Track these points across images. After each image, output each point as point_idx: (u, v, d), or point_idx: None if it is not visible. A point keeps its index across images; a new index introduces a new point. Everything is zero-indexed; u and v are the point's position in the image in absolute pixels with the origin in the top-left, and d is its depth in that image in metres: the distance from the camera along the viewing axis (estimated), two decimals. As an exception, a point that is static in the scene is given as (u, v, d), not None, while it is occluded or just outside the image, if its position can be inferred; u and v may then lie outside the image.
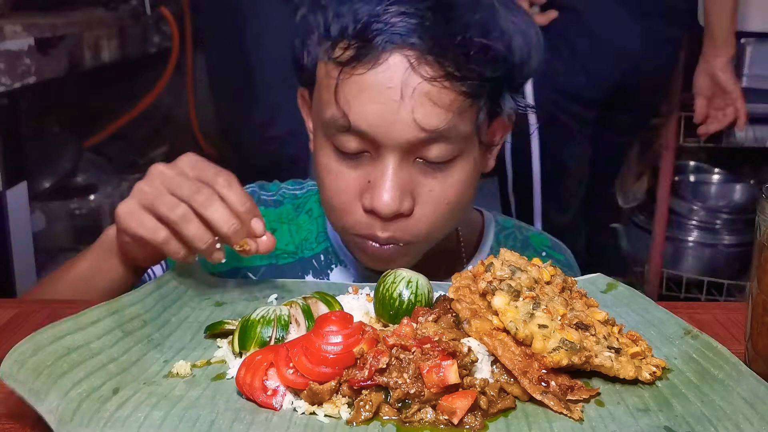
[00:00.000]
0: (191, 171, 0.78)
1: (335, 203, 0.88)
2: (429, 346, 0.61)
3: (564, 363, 0.63)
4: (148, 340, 0.71)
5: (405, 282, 0.73)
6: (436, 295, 0.75)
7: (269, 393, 0.61)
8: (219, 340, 0.73)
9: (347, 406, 0.61)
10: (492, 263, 0.71)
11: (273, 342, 0.68)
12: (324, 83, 0.85)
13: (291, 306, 0.72)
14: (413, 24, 0.79)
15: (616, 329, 0.70)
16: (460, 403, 0.58)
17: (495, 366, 0.64)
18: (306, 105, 0.98)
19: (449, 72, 0.80)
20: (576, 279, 0.80)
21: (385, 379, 0.60)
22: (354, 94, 0.81)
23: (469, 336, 0.65)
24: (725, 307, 0.87)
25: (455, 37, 0.79)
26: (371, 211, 0.85)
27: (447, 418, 0.59)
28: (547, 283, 0.71)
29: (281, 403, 0.61)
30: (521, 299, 0.67)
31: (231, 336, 0.71)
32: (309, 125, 0.98)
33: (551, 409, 0.61)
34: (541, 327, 0.64)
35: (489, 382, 0.62)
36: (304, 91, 0.96)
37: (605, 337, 0.67)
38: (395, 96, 0.80)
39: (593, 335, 0.67)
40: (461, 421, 0.58)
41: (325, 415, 0.60)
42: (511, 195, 2.14)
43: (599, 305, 0.73)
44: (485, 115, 0.87)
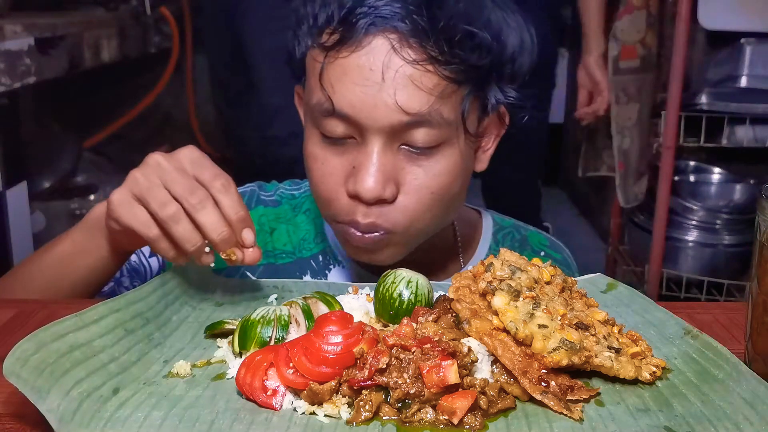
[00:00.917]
0: (190, 167, 0.76)
1: (321, 190, 0.88)
2: (429, 346, 0.61)
3: (564, 363, 0.63)
4: (148, 339, 0.71)
5: (405, 282, 0.73)
6: (436, 295, 0.75)
7: (269, 393, 0.61)
8: (219, 340, 0.73)
9: (347, 406, 0.61)
10: (492, 263, 0.71)
11: (273, 342, 0.68)
12: (311, 70, 0.86)
13: (291, 306, 0.72)
14: (397, 8, 0.80)
15: (616, 329, 0.70)
16: (460, 403, 0.58)
17: (495, 366, 0.64)
18: (302, 102, 0.98)
19: (432, 56, 0.81)
20: (576, 279, 0.80)
21: (385, 379, 0.60)
22: (338, 77, 0.82)
23: (469, 336, 0.65)
24: (725, 307, 0.87)
25: (439, 22, 0.80)
26: (355, 196, 0.85)
27: (447, 418, 0.59)
28: (547, 283, 0.71)
29: (281, 403, 0.61)
30: (521, 299, 0.67)
31: (231, 336, 0.71)
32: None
33: (551, 409, 0.61)
34: (541, 327, 0.64)
35: (489, 382, 0.62)
36: (299, 89, 0.97)
37: (605, 337, 0.67)
38: (377, 78, 0.81)
39: (593, 335, 0.67)
40: (461, 421, 0.59)
41: (325, 415, 0.60)
42: None
43: (599, 305, 0.73)
44: (472, 105, 0.87)
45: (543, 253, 1.09)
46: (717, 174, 2.57)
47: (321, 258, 1.03)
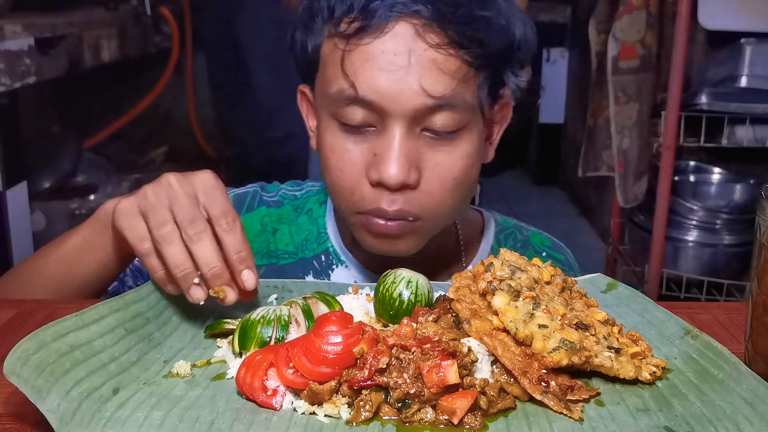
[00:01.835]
0: (202, 195, 0.74)
1: (341, 181, 0.88)
2: (429, 346, 0.61)
3: (564, 363, 0.63)
4: (149, 339, 0.71)
5: (405, 282, 0.73)
6: (436, 295, 0.75)
7: (269, 393, 0.61)
8: (219, 340, 0.73)
9: (347, 406, 0.61)
10: (492, 263, 0.71)
11: (273, 342, 0.68)
12: (329, 60, 0.87)
13: (291, 306, 0.72)
14: None
15: (616, 329, 0.70)
16: (460, 403, 0.58)
17: (495, 366, 0.64)
18: (306, 101, 0.98)
19: (454, 40, 0.82)
20: (576, 279, 0.80)
21: (385, 379, 0.60)
22: (360, 63, 0.83)
23: (469, 336, 0.65)
24: (725, 307, 0.87)
25: (459, 6, 0.82)
26: (378, 184, 0.85)
27: (447, 418, 0.59)
28: (547, 283, 0.71)
29: (281, 403, 0.61)
30: (521, 299, 0.67)
31: (231, 336, 0.71)
32: (309, 123, 0.99)
33: (551, 409, 0.61)
34: (541, 327, 0.64)
35: (489, 382, 0.62)
36: (304, 87, 0.97)
37: (605, 337, 0.67)
38: (402, 62, 0.82)
39: (593, 335, 0.67)
40: (461, 421, 0.59)
41: (325, 415, 0.60)
42: None
43: (599, 305, 0.73)
44: (488, 92, 0.88)
45: (545, 254, 1.09)
46: (717, 174, 2.58)
47: (323, 258, 1.03)
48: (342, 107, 0.85)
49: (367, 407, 0.59)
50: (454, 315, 0.69)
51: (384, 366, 0.60)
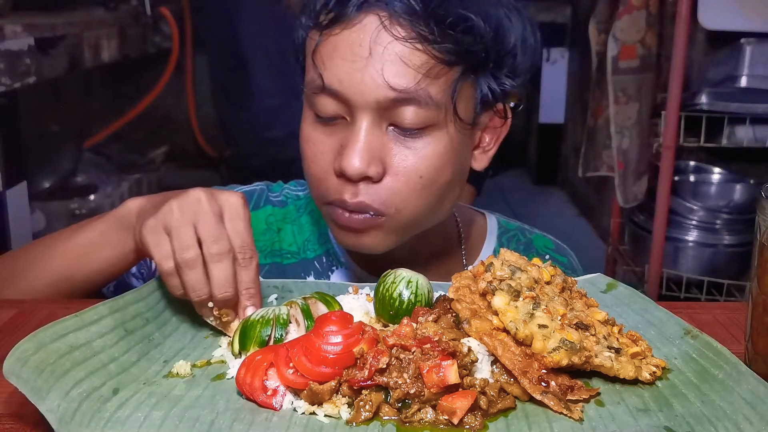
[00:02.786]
0: (228, 221, 0.76)
1: (312, 171, 0.89)
2: (429, 346, 0.61)
3: (564, 363, 0.63)
4: (148, 339, 0.71)
5: (405, 282, 0.73)
6: (436, 295, 0.75)
7: (269, 393, 0.61)
8: (219, 339, 0.73)
9: (347, 406, 0.61)
10: (492, 263, 0.71)
11: (272, 342, 0.68)
12: (308, 51, 0.88)
13: (291, 306, 0.72)
14: None
15: (616, 329, 0.70)
16: (460, 403, 0.58)
17: (495, 366, 0.64)
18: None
19: (422, 34, 0.82)
20: (576, 279, 0.80)
21: (385, 379, 0.60)
22: (329, 53, 0.84)
23: (469, 336, 0.65)
24: (725, 307, 0.87)
25: (431, 2, 0.82)
26: (341, 174, 0.86)
27: (447, 418, 0.59)
28: (547, 283, 0.71)
29: (281, 403, 0.61)
30: (521, 299, 0.67)
31: (230, 337, 0.71)
32: None
33: (551, 409, 0.61)
34: (541, 327, 0.64)
35: (489, 382, 0.62)
36: None
37: (605, 337, 0.67)
38: (365, 53, 0.82)
39: (593, 335, 0.67)
40: (461, 421, 0.59)
41: (325, 415, 0.60)
42: None
43: (599, 305, 0.73)
44: (464, 91, 0.87)
45: (548, 257, 1.08)
46: (717, 174, 2.57)
47: (324, 259, 1.03)
48: (315, 97, 0.86)
49: (367, 407, 0.59)
50: (454, 315, 0.69)
51: (384, 366, 0.60)
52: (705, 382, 0.65)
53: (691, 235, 2.43)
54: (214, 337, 0.74)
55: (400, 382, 0.60)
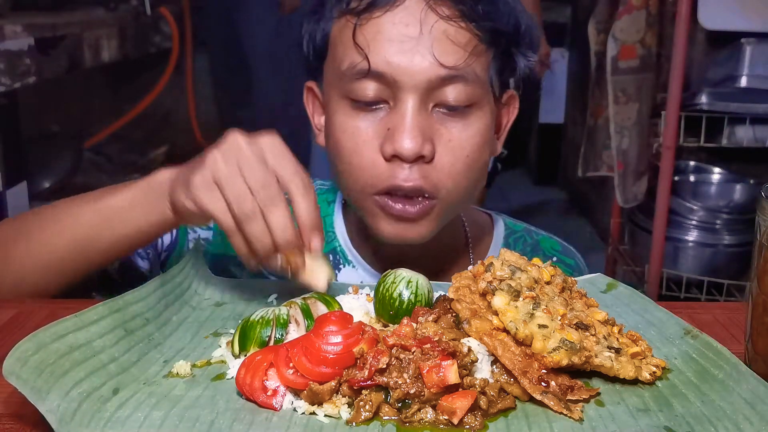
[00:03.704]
0: (271, 157, 0.73)
1: (356, 162, 0.87)
2: (429, 346, 0.61)
3: (564, 363, 0.63)
4: (148, 339, 0.71)
5: (405, 282, 0.73)
6: (436, 295, 0.75)
7: (269, 393, 0.61)
8: (219, 339, 0.73)
9: (347, 406, 0.61)
10: (492, 263, 0.71)
11: (272, 342, 0.68)
12: (340, 39, 0.87)
13: (290, 306, 0.72)
14: None
15: (616, 329, 0.70)
16: (460, 403, 0.58)
17: (495, 366, 0.64)
18: (312, 97, 0.98)
19: (464, 13, 0.84)
20: (576, 279, 0.80)
21: (385, 379, 0.60)
22: (372, 35, 0.84)
23: (469, 336, 0.65)
24: (725, 307, 0.87)
25: None
26: (393, 158, 0.84)
27: (447, 418, 0.59)
28: (547, 283, 0.71)
29: (281, 403, 0.61)
30: (521, 299, 0.67)
31: (231, 338, 0.71)
32: (315, 121, 0.98)
33: (551, 409, 0.61)
34: (541, 327, 0.64)
35: (489, 382, 0.62)
36: (311, 84, 0.97)
37: (605, 337, 0.67)
38: (413, 33, 0.83)
39: (593, 335, 0.67)
40: (461, 421, 0.58)
41: (325, 415, 0.60)
42: None
43: (599, 305, 0.73)
44: (498, 74, 0.89)
45: (555, 259, 1.07)
46: (717, 174, 2.58)
47: (331, 258, 1.03)
48: (354, 83, 0.85)
49: (367, 407, 0.59)
50: (454, 315, 0.69)
51: (384, 366, 0.60)
52: (705, 382, 0.65)
53: (691, 235, 2.43)
54: (214, 337, 0.74)
55: (400, 382, 0.60)
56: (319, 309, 0.73)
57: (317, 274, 0.75)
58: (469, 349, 0.63)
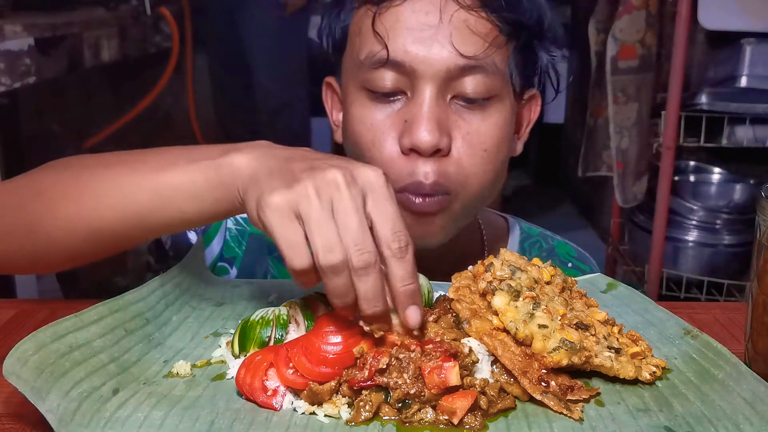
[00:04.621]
0: (371, 203, 0.61)
1: (374, 156, 0.85)
2: (431, 346, 0.61)
3: (564, 363, 0.63)
4: (148, 339, 0.71)
5: (405, 282, 0.73)
6: (436, 295, 0.75)
7: (269, 393, 0.61)
8: (219, 339, 0.73)
9: (347, 406, 0.61)
10: (492, 263, 0.71)
11: (272, 342, 0.68)
12: (359, 30, 0.87)
13: (290, 306, 0.72)
14: None
15: (616, 329, 0.70)
16: (460, 403, 0.58)
17: (495, 366, 0.64)
18: (331, 93, 0.97)
19: (485, 1, 0.83)
20: (576, 279, 0.80)
21: (385, 380, 0.60)
22: (391, 24, 0.83)
23: (469, 336, 0.65)
24: (725, 307, 0.87)
25: None
26: (411, 151, 0.83)
27: (447, 418, 0.59)
28: (547, 283, 0.71)
29: (281, 403, 0.61)
30: (521, 299, 0.67)
31: (231, 338, 0.71)
32: (333, 117, 0.97)
33: (551, 409, 0.61)
34: (541, 327, 0.64)
35: (489, 382, 0.62)
36: (330, 79, 0.96)
37: (605, 337, 0.67)
38: (433, 22, 0.82)
39: (593, 335, 0.67)
40: (461, 421, 0.58)
41: (325, 415, 0.60)
42: None
43: (599, 305, 0.73)
44: (521, 69, 0.88)
45: (570, 265, 1.06)
46: (717, 174, 2.57)
47: None
48: (372, 72, 0.84)
49: (367, 407, 0.59)
50: (454, 315, 0.69)
51: (384, 366, 0.60)
52: (705, 382, 0.65)
53: (691, 235, 2.43)
54: (214, 337, 0.74)
55: (400, 382, 0.60)
56: (319, 309, 0.73)
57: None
58: (471, 350, 0.63)
